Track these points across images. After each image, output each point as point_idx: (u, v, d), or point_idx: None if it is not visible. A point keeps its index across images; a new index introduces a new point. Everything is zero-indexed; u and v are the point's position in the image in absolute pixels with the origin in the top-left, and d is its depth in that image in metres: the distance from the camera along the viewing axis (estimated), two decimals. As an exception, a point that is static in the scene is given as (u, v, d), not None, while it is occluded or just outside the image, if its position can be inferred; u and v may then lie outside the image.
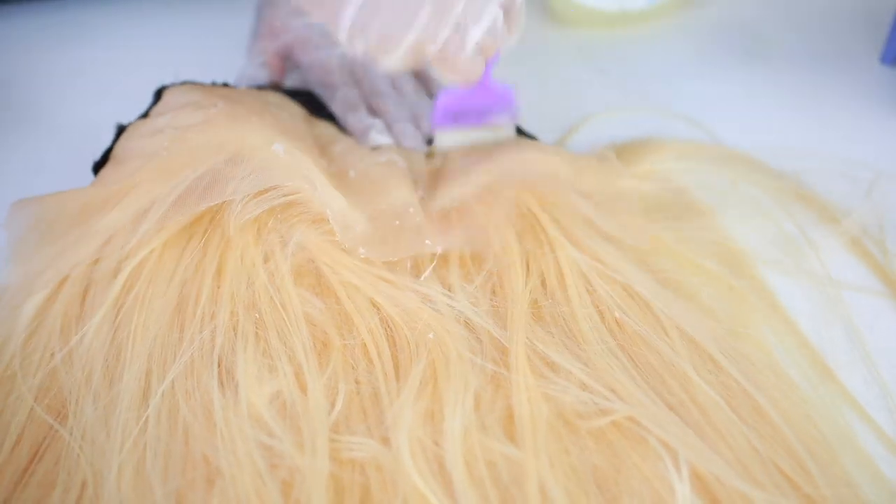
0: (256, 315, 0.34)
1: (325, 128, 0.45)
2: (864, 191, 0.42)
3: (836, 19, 0.59)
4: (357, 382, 0.32)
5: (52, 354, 0.33)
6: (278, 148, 0.37)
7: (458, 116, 0.43)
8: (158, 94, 0.43)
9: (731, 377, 0.32)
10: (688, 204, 0.41)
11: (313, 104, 0.47)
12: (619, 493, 0.28)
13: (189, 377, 0.32)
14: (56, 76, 0.57)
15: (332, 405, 0.31)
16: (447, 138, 0.43)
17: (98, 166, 0.41)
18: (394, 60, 0.36)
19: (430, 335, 0.33)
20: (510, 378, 0.31)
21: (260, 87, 0.47)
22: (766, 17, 0.60)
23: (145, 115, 0.42)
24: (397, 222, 0.38)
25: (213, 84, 0.45)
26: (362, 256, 0.36)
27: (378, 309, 0.35)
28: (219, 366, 0.32)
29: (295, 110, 0.45)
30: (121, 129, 0.42)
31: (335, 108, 0.46)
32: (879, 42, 0.55)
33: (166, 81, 0.44)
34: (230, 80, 0.47)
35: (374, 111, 0.46)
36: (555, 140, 0.49)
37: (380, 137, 0.44)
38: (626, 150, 0.46)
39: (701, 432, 0.29)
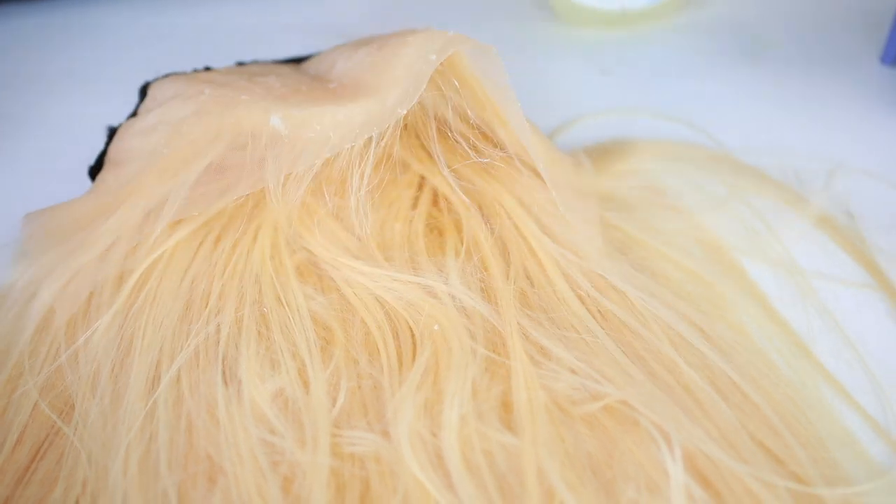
0: (264, 309, 0.34)
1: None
2: (842, 184, 0.43)
3: (836, 19, 0.59)
4: (359, 377, 0.32)
5: (58, 351, 0.34)
6: (276, 122, 0.37)
7: None
8: (144, 91, 0.43)
9: (713, 360, 0.32)
10: (664, 204, 0.42)
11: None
12: (613, 479, 0.28)
13: (193, 370, 0.32)
14: (55, 76, 0.57)
15: (334, 401, 0.31)
16: None
17: (94, 170, 0.41)
18: None
19: (436, 327, 0.33)
20: (506, 365, 0.32)
21: (240, 63, 0.47)
22: (766, 17, 0.60)
23: (134, 113, 0.42)
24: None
25: (195, 70, 0.44)
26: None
27: (381, 303, 0.35)
28: (223, 362, 0.32)
29: (281, 69, 0.44)
30: (112, 132, 0.41)
31: None
32: (879, 42, 0.55)
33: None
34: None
35: None
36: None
37: None
38: (605, 151, 0.46)
39: (690, 414, 0.30)
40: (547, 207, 0.39)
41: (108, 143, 0.41)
